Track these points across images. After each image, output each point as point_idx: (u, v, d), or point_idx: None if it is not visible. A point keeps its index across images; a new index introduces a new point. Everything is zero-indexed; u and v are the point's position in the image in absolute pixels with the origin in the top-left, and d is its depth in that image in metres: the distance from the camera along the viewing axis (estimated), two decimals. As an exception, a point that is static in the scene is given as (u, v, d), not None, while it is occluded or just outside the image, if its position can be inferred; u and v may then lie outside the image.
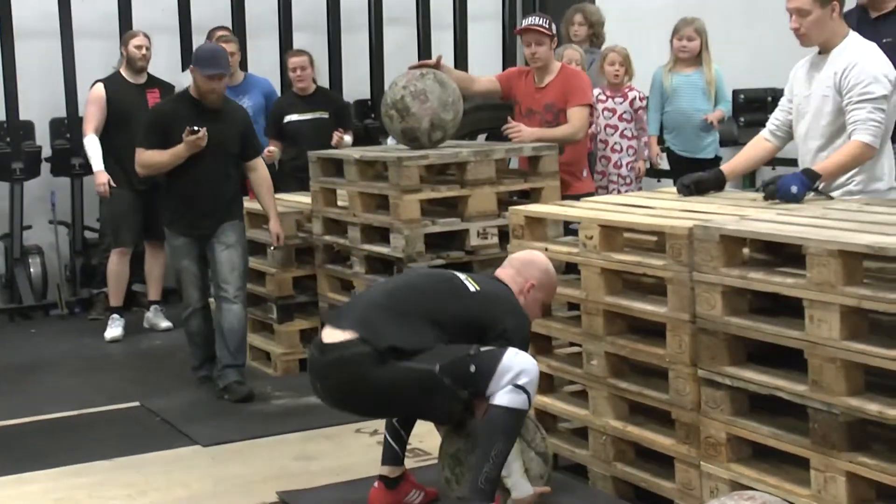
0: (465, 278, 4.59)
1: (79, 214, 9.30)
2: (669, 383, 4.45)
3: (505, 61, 10.29)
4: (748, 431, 4.18)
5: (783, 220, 4.22)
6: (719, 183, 5.14)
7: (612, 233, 4.74)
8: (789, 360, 4.00)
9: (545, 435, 4.70)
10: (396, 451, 4.62)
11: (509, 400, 4.19)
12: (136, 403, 6.51)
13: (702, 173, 5.29)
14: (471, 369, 4.20)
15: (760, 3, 6.22)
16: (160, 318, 8.36)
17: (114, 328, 8.20)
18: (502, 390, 4.20)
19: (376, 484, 4.63)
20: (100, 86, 8.06)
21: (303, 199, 7.22)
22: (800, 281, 3.88)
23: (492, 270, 4.93)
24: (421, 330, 4.31)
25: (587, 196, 6.08)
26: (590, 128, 6.99)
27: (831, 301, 3.76)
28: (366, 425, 5.66)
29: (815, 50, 4.94)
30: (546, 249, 5.03)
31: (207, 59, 6.32)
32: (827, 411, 3.81)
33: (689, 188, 5.10)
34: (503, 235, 5.90)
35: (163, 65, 8.47)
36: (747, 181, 7.45)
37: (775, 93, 5.21)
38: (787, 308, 4.00)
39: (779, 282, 3.99)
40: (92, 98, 8.06)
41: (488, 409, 4.22)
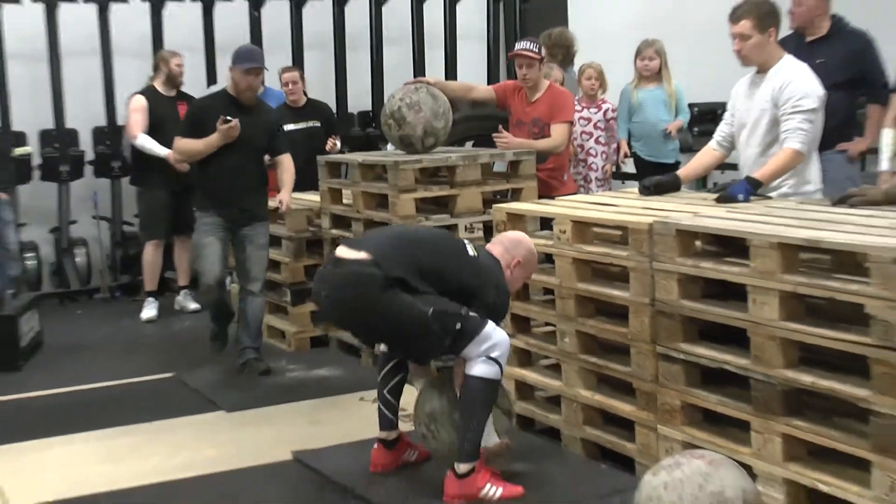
0: (468, 243, 4.53)
1: (118, 211, 9.27)
2: (631, 358, 4.48)
3: (489, 76, 10.27)
4: (699, 399, 4.21)
5: (730, 217, 4.25)
6: (676, 185, 5.16)
7: (583, 227, 4.75)
8: (735, 338, 4.02)
9: (508, 393, 4.69)
10: (390, 418, 4.62)
11: (484, 371, 4.17)
12: (171, 374, 6.52)
13: (660, 176, 5.30)
14: (457, 326, 4.13)
15: (711, 28, 6.22)
16: (189, 301, 8.34)
17: (149, 309, 8.19)
18: (478, 361, 4.17)
19: (376, 445, 4.66)
20: (141, 97, 8.01)
21: (312, 198, 7.20)
22: (744, 270, 3.91)
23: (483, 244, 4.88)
24: (423, 274, 4.22)
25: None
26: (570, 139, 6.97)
27: (771, 287, 3.80)
28: (368, 394, 5.58)
29: (754, 70, 4.96)
30: (527, 243, 5.08)
31: (246, 56, 6.22)
32: (766, 382, 3.85)
33: (650, 189, 5.11)
34: (488, 230, 5.87)
35: (187, 80, 8.43)
36: (700, 183, 7.47)
37: (723, 106, 5.21)
38: (734, 293, 4.02)
39: (726, 270, 4.02)
40: (135, 107, 7.99)
41: (467, 380, 4.19)
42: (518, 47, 6.80)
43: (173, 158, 6.49)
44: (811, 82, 4.82)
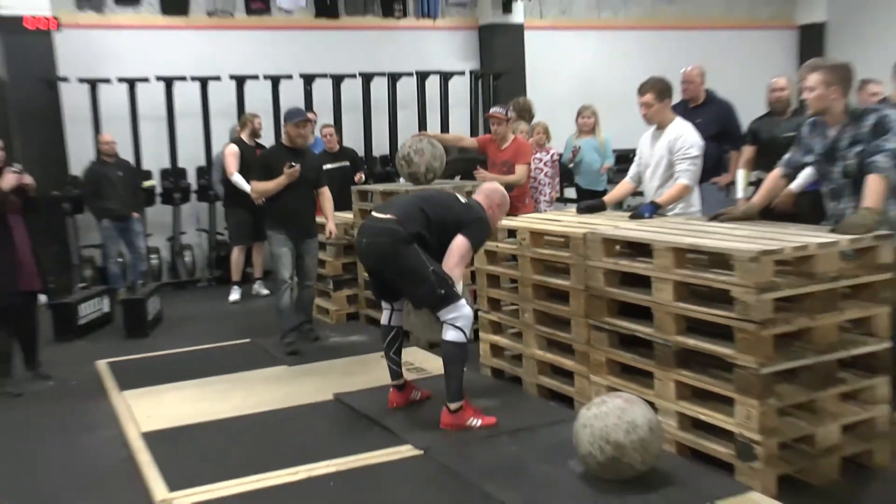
0: (459, 194, 4.53)
1: (213, 225, 9.26)
2: (571, 328, 4.48)
3: (472, 131, 10.27)
4: (618, 357, 4.21)
5: (639, 229, 4.24)
6: (602, 207, 5.14)
7: (538, 236, 4.75)
8: (643, 314, 4.02)
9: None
10: (397, 370, 4.61)
11: (453, 336, 4.14)
12: (248, 340, 6.50)
13: (591, 201, 5.28)
14: (442, 291, 4.12)
15: (626, 98, 6.21)
16: (262, 288, 8.29)
17: (234, 294, 8.16)
18: (448, 328, 4.14)
19: (391, 389, 4.67)
20: (234, 146, 7.86)
21: (347, 216, 7.14)
22: (649, 265, 3.91)
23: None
24: (432, 223, 4.23)
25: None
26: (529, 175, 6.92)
27: (667, 278, 3.80)
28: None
29: (655, 126, 4.94)
30: (497, 247, 5.05)
31: (295, 113, 6.05)
32: (664, 344, 3.85)
33: (584, 210, 5.10)
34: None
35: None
36: (619, 206, 7.44)
37: (634, 152, 5.19)
38: (642, 282, 4.02)
39: (637, 266, 4.03)
40: (231, 152, 7.84)
41: (443, 344, 4.17)
42: (492, 111, 6.79)
43: (254, 196, 6.33)
44: (694, 136, 4.80)
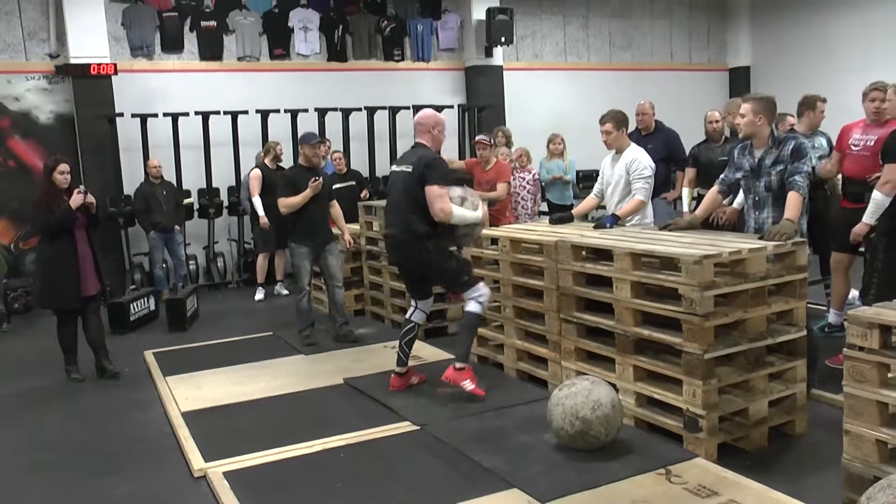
0: (402, 168, 4.30)
1: (241, 235, 9.18)
2: (545, 321, 4.47)
3: (460, 154, 10.26)
4: (585, 345, 4.20)
5: (602, 237, 4.24)
6: (570, 219, 5.13)
7: (516, 243, 4.73)
8: (606, 309, 4.01)
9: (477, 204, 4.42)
10: (404, 360, 4.59)
11: (473, 308, 4.30)
12: (271, 333, 6.44)
13: (561, 213, 5.28)
14: (468, 271, 4.34)
15: (589, 127, 6.22)
16: (283, 289, 8.20)
17: (259, 294, 8.09)
18: (472, 300, 4.29)
19: (393, 375, 4.64)
20: (258, 171, 7.79)
21: (354, 227, 7.07)
22: (611, 268, 3.90)
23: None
24: (419, 199, 4.18)
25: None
26: (509, 191, 6.89)
27: (626, 278, 3.79)
28: (390, 344, 5.58)
29: (614, 151, 4.94)
30: (482, 253, 5.02)
31: (310, 136, 5.99)
32: (624, 334, 3.85)
33: (556, 221, 5.09)
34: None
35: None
36: (585, 218, 7.44)
37: (597, 172, 5.19)
38: (605, 282, 4.01)
39: (600, 268, 4.02)
40: (255, 176, 7.78)
41: (465, 313, 4.33)
42: (477, 138, 6.82)
43: (283, 211, 6.16)
44: (647, 159, 4.82)
